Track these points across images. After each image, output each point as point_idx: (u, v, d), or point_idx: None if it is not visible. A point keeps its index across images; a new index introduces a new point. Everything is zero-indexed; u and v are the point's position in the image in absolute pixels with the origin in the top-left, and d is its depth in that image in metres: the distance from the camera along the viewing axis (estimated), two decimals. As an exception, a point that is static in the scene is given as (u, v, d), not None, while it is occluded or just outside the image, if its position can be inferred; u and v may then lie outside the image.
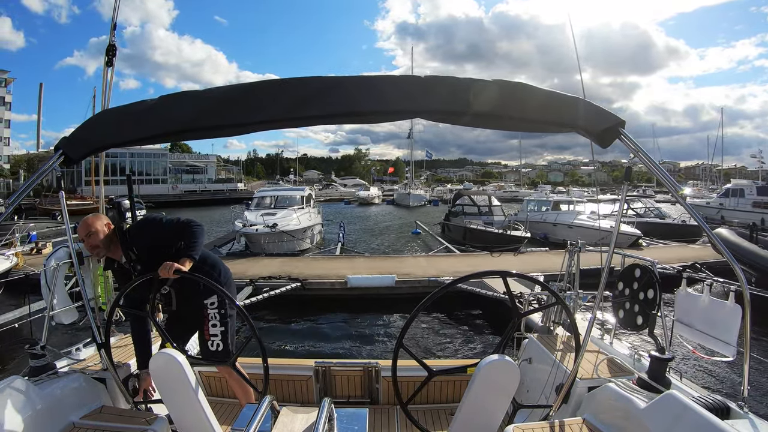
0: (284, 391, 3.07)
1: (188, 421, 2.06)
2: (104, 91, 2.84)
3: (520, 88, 2.09)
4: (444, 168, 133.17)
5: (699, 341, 2.25)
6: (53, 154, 2.10)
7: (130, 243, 2.31)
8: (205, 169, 59.46)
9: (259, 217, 13.45)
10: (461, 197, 19.52)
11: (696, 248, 13.11)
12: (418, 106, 2.04)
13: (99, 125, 2.16)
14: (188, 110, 2.04)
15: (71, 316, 2.78)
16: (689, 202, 10.80)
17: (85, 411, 2.16)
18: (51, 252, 2.78)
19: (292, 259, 11.78)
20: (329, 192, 60.39)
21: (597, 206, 17.83)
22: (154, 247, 2.29)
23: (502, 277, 2.14)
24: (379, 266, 10.25)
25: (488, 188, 50.32)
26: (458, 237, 16.67)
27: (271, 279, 8.86)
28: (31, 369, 2.23)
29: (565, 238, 16.43)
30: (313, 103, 1.99)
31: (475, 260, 11.59)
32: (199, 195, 50.75)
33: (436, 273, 9.32)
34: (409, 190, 44.71)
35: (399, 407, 2.33)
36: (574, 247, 3.37)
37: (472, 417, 2.00)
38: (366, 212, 35.77)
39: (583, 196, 27.40)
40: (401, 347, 2.05)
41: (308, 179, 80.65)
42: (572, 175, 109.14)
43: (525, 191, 52.68)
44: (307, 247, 14.58)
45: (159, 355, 2.05)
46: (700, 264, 8.40)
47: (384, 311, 8.21)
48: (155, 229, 2.35)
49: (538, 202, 20.43)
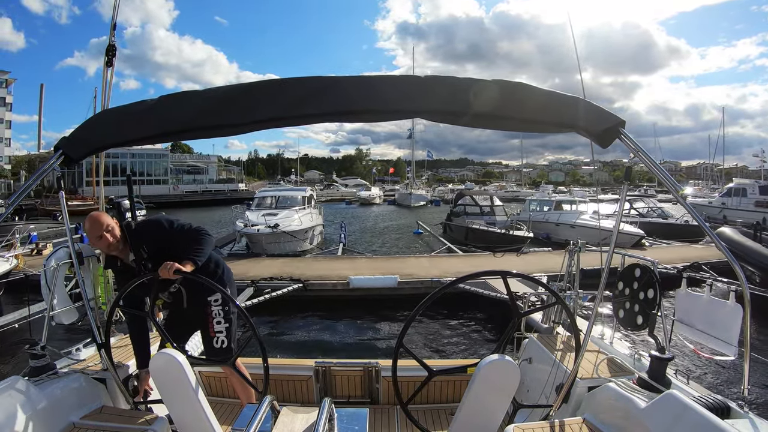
0: (284, 391, 3.07)
1: (188, 422, 2.06)
2: (104, 91, 2.84)
3: (520, 88, 2.09)
4: (445, 168, 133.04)
5: (700, 341, 2.25)
6: (53, 154, 2.10)
7: (140, 241, 2.30)
8: (206, 170, 59.43)
9: (260, 218, 13.40)
10: (463, 197, 19.49)
11: (699, 248, 13.05)
12: (417, 105, 2.04)
13: (99, 125, 2.17)
14: (188, 110, 2.05)
15: (71, 317, 2.77)
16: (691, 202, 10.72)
17: (85, 411, 2.17)
18: (51, 252, 2.78)
19: (293, 259, 11.75)
20: (330, 192, 60.25)
21: (597, 206, 17.78)
22: (162, 248, 2.29)
23: (502, 276, 2.15)
24: (381, 267, 10.21)
25: (490, 188, 50.20)
26: (460, 237, 16.62)
27: (272, 280, 8.82)
28: (31, 369, 2.23)
29: (568, 238, 16.46)
30: (312, 102, 1.99)
31: (478, 260, 11.56)
32: (200, 195, 50.64)
33: (439, 273, 9.29)
34: (411, 190, 44.60)
35: (399, 407, 2.33)
36: (574, 247, 3.38)
37: (473, 417, 2.00)
38: (367, 212, 35.73)
39: (585, 195, 27.37)
40: (401, 347, 2.05)
41: (309, 179, 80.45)
42: (573, 175, 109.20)
43: (526, 191, 52.59)
44: (309, 247, 14.55)
45: (159, 356, 2.05)
46: (703, 264, 8.42)
47: (387, 312, 8.19)
48: (166, 231, 2.33)
49: (540, 202, 20.36)
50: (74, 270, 2.52)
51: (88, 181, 37.44)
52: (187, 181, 55.86)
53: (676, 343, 2.45)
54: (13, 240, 11.12)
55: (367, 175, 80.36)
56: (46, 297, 2.63)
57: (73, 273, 2.67)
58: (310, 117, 2.08)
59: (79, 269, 2.44)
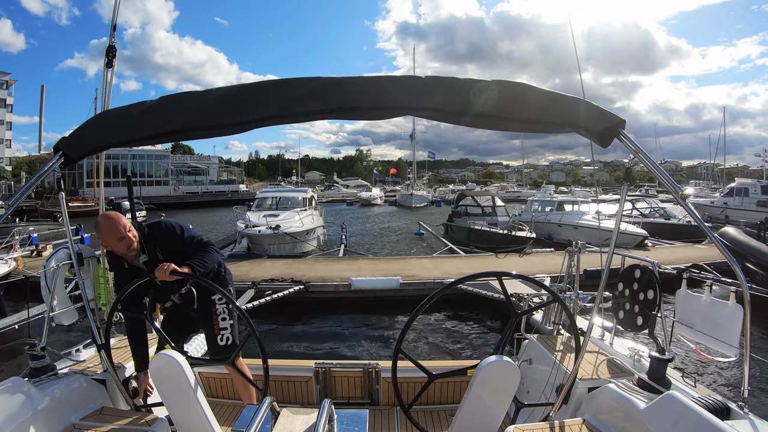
0: (284, 392, 3.07)
1: (188, 423, 2.06)
2: (104, 92, 2.84)
3: (520, 88, 2.09)
4: (446, 168, 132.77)
5: (700, 341, 2.25)
6: (53, 155, 2.10)
7: (155, 243, 2.32)
8: (206, 171, 59.34)
9: (261, 219, 13.38)
10: (464, 198, 19.48)
11: (702, 248, 13.03)
12: (418, 103, 2.05)
13: (99, 125, 2.17)
14: (188, 110, 2.05)
15: (71, 318, 2.78)
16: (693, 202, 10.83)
17: (85, 412, 2.17)
18: (51, 253, 2.78)
19: (294, 261, 11.71)
20: (331, 193, 60.23)
21: (597, 206, 17.76)
22: (172, 252, 2.30)
23: (498, 277, 2.15)
24: (383, 268, 10.18)
25: (491, 188, 50.10)
26: (462, 238, 16.59)
27: (273, 281, 8.76)
28: (31, 370, 2.23)
29: (570, 238, 16.49)
30: (314, 99, 2.00)
31: (480, 261, 11.52)
32: (201, 196, 50.56)
33: (441, 275, 9.26)
34: (412, 190, 44.56)
35: (399, 408, 2.33)
36: (574, 247, 3.38)
37: (473, 418, 2.00)
38: (368, 213, 35.72)
39: (587, 196, 27.39)
40: (400, 351, 2.05)
41: (310, 180, 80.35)
42: (574, 175, 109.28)
43: (527, 191, 52.45)
44: (310, 249, 14.52)
45: (159, 357, 2.05)
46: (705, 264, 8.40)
47: (389, 313, 8.16)
48: (178, 236, 2.36)
49: (542, 202, 20.28)
50: (74, 271, 2.52)
51: (89, 183, 37.38)
52: (187, 182, 55.79)
53: (676, 344, 2.45)
54: (13, 241, 11.13)
55: (369, 176, 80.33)
56: (46, 298, 2.63)
57: (74, 274, 2.67)
58: (313, 114, 2.09)
59: (79, 270, 2.44)
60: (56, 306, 2.65)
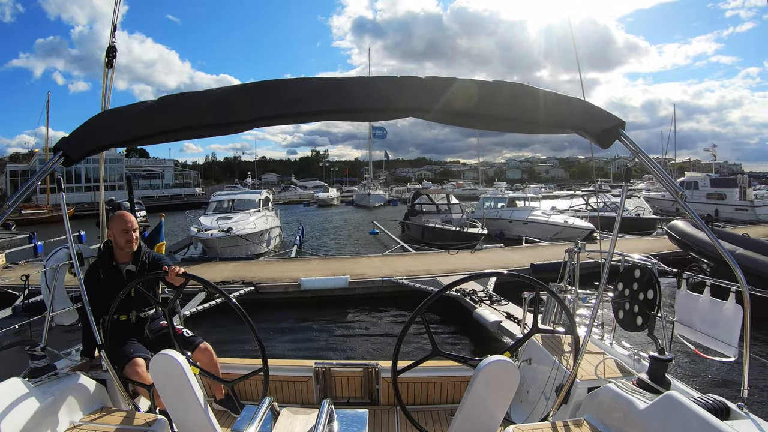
0: (284, 392, 3.07)
1: (189, 423, 2.06)
2: (104, 92, 2.84)
3: (520, 89, 2.09)
4: (403, 168, 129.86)
5: (700, 342, 2.25)
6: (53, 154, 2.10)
7: (146, 263, 2.58)
8: (162, 174, 57.89)
9: (214, 222, 13.40)
10: (419, 196, 19.65)
11: (650, 240, 13.63)
12: (417, 104, 2.05)
13: (99, 125, 2.17)
14: (188, 109, 2.06)
15: (71, 318, 2.77)
16: (645, 196, 11.56)
17: (85, 412, 2.17)
18: (51, 253, 2.77)
19: (247, 263, 11.69)
20: (288, 195, 58.62)
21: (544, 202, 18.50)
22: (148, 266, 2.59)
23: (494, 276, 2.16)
24: (333, 268, 10.25)
25: (447, 187, 49.57)
26: (417, 236, 16.81)
27: (224, 284, 8.69)
28: (31, 370, 2.23)
29: (521, 234, 17.02)
30: (315, 99, 2.01)
31: (431, 259, 11.58)
32: (157, 201, 47.40)
33: (390, 273, 9.33)
34: (369, 190, 44.54)
35: (399, 408, 2.33)
36: (574, 247, 3.38)
37: (472, 418, 2.00)
38: (325, 214, 35.64)
39: (538, 192, 27.67)
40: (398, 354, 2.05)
41: (267, 182, 77.91)
42: (530, 172, 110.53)
43: (483, 189, 51.71)
44: (265, 250, 14.53)
45: (159, 357, 2.05)
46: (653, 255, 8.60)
47: (338, 312, 8.28)
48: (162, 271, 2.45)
49: (494, 199, 20.57)
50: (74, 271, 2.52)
51: (42, 189, 34.48)
52: (143, 186, 53.54)
53: (676, 344, 2.45)
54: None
55: (326, 177, 79.44)
56: (46, 298, 2.63)
57: (74, 274, 2.67)
58: (313, 114, 2.09)
59: (79, 270, 2.44)
60: (56, 306, 2.65)
